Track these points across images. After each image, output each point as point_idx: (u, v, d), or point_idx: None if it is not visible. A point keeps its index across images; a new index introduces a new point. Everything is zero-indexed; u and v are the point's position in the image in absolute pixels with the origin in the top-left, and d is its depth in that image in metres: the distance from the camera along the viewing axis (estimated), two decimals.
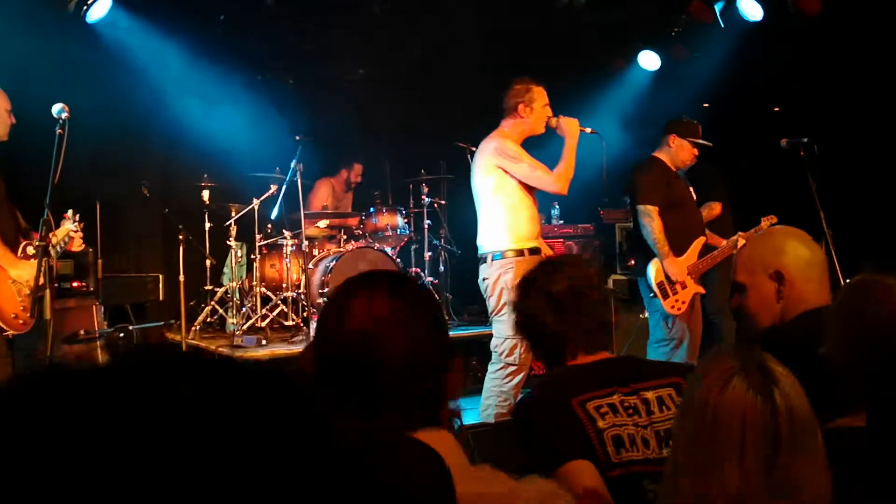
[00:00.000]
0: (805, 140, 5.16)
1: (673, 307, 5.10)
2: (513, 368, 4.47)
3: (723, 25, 6.85)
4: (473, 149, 7.33)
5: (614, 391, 2.14)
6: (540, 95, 4.69)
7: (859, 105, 6.30)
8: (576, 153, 4.59)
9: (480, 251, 4.70)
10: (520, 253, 4.53)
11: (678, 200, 5.24)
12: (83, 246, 4.62)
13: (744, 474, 1.27)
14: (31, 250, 4.11)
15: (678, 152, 5.29)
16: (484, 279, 4.64)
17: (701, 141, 5.32)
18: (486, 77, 8.01)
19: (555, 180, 4.51)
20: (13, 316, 4.01)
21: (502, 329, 4.50)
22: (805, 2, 6.32)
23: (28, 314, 4.07)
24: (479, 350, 6.75)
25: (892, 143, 6.05)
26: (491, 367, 4.63)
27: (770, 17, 6.62)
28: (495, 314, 4.61)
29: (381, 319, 1.33)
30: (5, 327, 3.98)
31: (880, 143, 6.17)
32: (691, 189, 5.49)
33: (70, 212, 4.45)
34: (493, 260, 4.56)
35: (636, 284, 5.67)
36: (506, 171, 4.54)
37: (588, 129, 4.73)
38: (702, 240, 5.25)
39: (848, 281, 2.00)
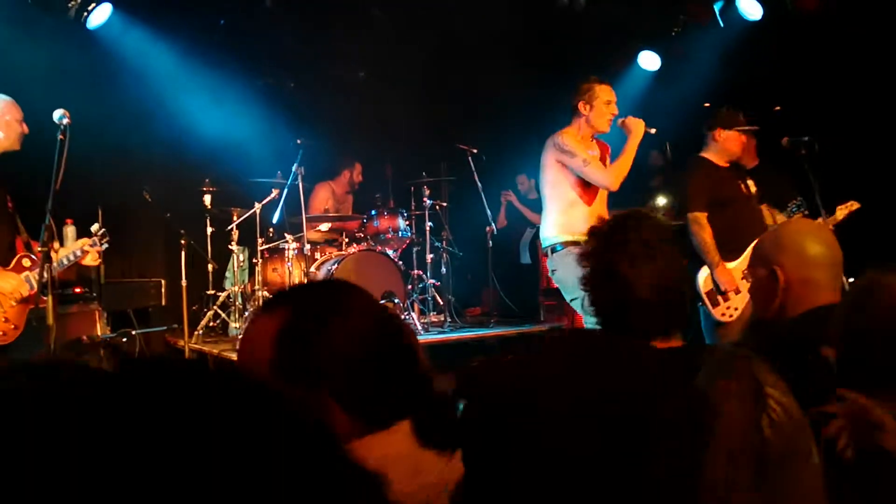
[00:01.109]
0: (806, 139, 5.14)
1: (723, 315, 4.99)
2: None
3: (722, 25, 6.85)
4: (474, 150, 7.39)
5: None
6: (602, 93, 4.81)
7: (860, 103, 6.30)
8: (635, 153, 4.70)
9: (544, 244, 4.85)
10: (576, 244, 4.56)
11: (728, 198, 5.08)
12: (99, 261, 4.52)
13: (731, 479, 1.23)
14: (26, 262, 4.04)
15: (726, 145, 5.14)
16: (553, 271, 4.79)
17: (746, 127, 5.18)
18: (486, 78, 8.04)
19: (607, 175, 4.65)
20: None
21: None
22: None
23: (12, 325, 3.97)
24: (482, 352, 6.76)
25: (893, 140, 6.05)
26: None
27: (769, 15, 6.62)
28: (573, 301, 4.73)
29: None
30: None
31: (882, 141, 6.17)
32: (748, 184, 5.26)
33: (95, 226, 4.40)
34: (552, 252, 4.73)
35: None
36: (563, 166, 4.69)
37: (652, 130, 4.81)
38: None
39: (853, 281, 1.97)
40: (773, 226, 4.65)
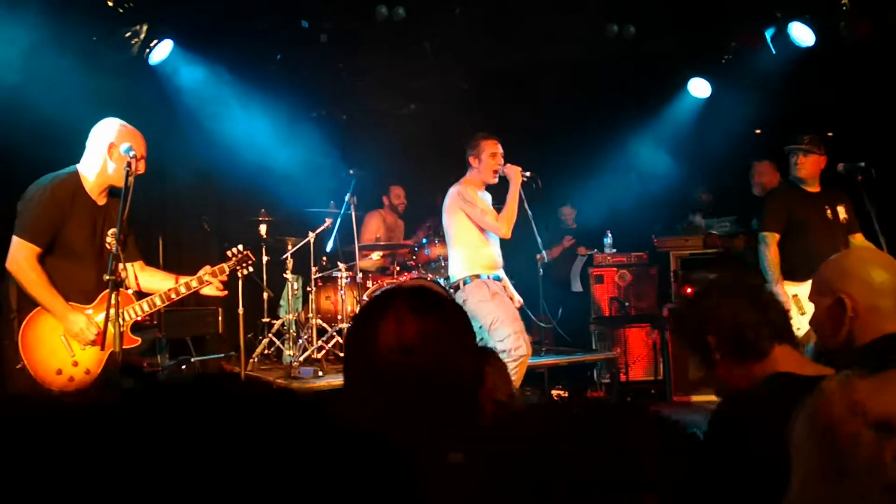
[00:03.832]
0: (862, 164, 5.09)
1: None
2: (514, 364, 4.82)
3: (774, 52, 6.79)
4: (526, 175, 7.42)
5: None
6: (488, 147, 5.32)
7: None
8: (518, 197, 5.29)
9: (452, 279, 5.32)
10: (479, 277, 5.18)
11: (803, 223, 5.25)
12: (224, 292, 4.17)
13: None
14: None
15: (796, 169, 5.39)
16: (464, 301, 5.11)
17: (795, 146, 5.36)
18: (535, 108, 8.09)
19: (499, 225, 5.22)
20: (56, 371, 3.60)
21: (499, 332, 4.96)
22: (857, 24, 6.26)
23: (83, 370, 3.66)
24: (532, 381, 6.75)
25: None
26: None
27: (822, 42, 6.55)
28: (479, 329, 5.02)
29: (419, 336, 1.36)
30: (45, 383, 3.53)
31: None
32: (837, 210, 5.32)
33: (236, 248, 4.30)
34: (464, 284, 5.19)
35: None
36: (466, 214, 5.23)
37: (528, 174, 5.38)
38: None
39: None
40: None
